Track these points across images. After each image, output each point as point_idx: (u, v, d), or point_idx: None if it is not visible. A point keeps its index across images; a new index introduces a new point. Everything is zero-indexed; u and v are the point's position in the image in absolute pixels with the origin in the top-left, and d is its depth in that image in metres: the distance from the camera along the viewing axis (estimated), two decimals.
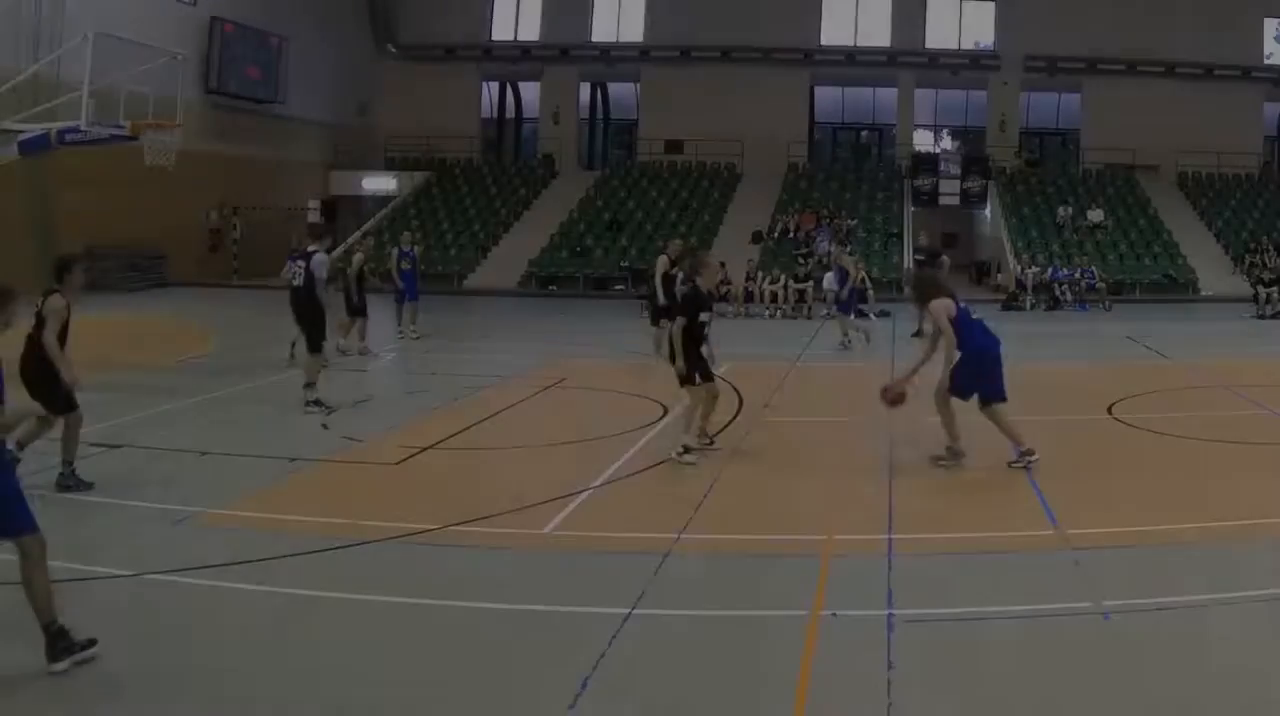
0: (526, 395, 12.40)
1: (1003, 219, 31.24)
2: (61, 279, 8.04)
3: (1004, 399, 8.71)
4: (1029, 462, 8.49)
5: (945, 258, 20.54)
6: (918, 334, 16.35)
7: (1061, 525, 7.13)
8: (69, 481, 7.98)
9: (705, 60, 36.21)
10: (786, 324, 22.44)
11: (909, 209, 32.58)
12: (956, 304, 8.84)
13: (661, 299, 14.40)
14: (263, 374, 13.45)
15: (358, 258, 16.06)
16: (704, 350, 9.21)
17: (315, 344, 11.42)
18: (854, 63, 36.63)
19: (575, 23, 37.37)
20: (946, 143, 39.06)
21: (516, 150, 40.21)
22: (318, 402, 11.16)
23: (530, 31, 37.88)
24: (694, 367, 9.05)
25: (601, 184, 34.83)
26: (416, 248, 19.09)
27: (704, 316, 9.23)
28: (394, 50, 37.60)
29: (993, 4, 36.30)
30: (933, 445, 9.80)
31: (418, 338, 17.43)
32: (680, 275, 14.27)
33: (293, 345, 14.15)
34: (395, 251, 18.52)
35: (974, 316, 8.96)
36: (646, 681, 4.82)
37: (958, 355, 8.68)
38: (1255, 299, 23.35)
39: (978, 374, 8.70)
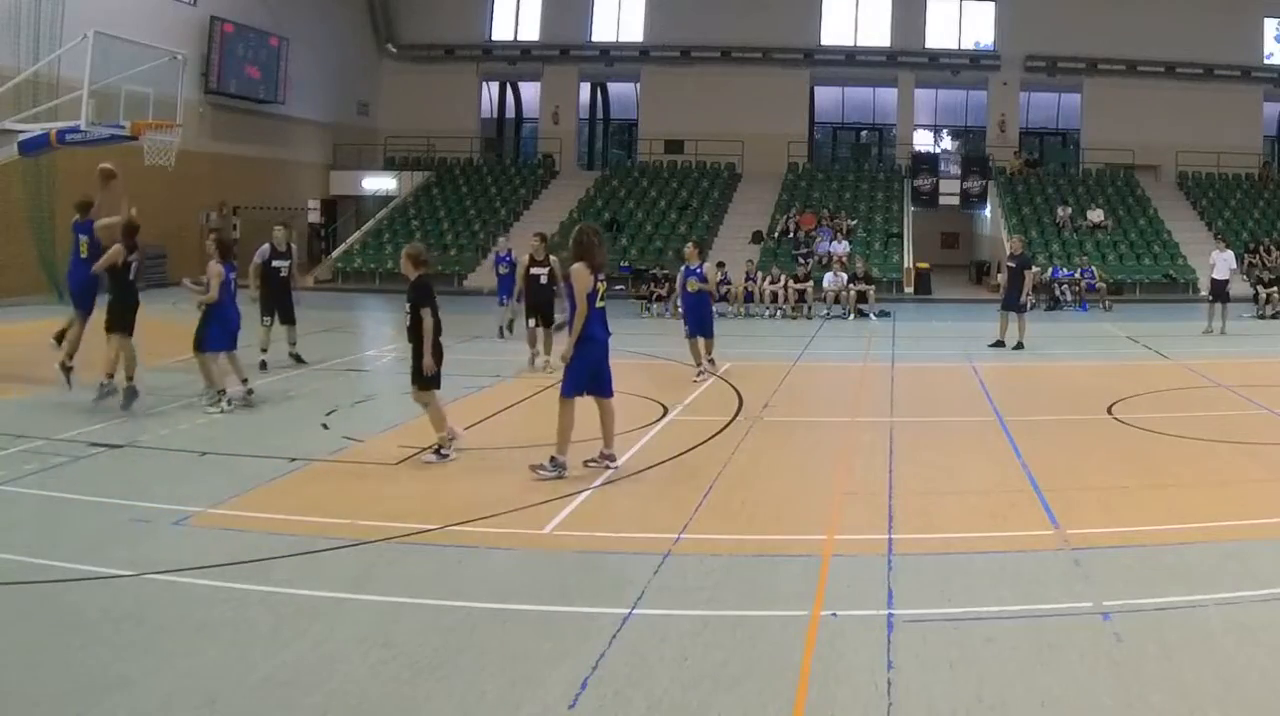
0: (527, 395, 12.40)
1: (1003, 219, 31.24)
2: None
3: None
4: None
5: (1036, 268, 20.73)
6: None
7: (1061, 525, 7.14)
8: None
9: (705, 60, 36.25)
10: (786, 324, 22.45)
11: (909, 209, 32.59)
12: None
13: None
14: (262, 373, 13.44)
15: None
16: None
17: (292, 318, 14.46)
18: (854, 63, 36.68)
19: (575, 23, 37.42)
20: (946, 143, 39.10)
21: (516, 150, 40.22)
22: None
23: (530, 31, 37.93)
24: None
25: (601, 184, 34.82)
26: (514, 252, 18.06)
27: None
28: (394, 50, 37.63)
29: (993, 4, 36.33)
30: (932, 445, 9.82)
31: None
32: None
33: (293, 344, 14.67)
34: (494, 254, 18.68)
35: None
36: (646, 681, 4.82)
37: None
38: (1255, 299, 23.35)
39: None
